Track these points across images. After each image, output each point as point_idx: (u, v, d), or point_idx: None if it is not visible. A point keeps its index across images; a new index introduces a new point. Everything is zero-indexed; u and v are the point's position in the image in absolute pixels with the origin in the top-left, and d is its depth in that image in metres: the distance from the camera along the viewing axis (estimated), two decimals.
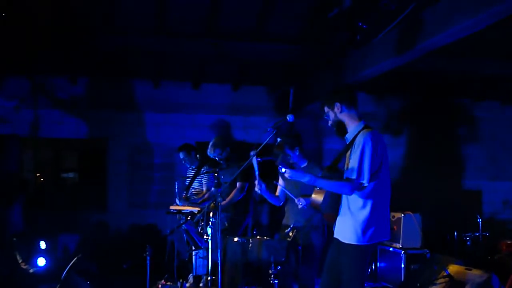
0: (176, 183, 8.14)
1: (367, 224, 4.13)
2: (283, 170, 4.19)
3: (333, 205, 4.34)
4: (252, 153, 5.08)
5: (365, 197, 4.13)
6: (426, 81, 9.74)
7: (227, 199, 6.89)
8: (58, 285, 5.80)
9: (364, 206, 4.14)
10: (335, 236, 4.40)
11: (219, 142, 7.27)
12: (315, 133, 10.17)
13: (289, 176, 4.22)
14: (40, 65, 8.84)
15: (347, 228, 4.21)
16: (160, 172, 9.81)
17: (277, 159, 5.64)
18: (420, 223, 7.64)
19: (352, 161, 4.12)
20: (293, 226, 5.54)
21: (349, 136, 4.34)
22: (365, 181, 4.06)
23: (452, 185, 10.76)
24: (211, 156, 7.40)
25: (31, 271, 7.22)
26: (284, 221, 5.90)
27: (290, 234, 5.47)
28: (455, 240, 8.21)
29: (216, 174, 6.91)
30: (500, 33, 6.59)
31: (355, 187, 4.09)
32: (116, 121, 9.65)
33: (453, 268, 5.72)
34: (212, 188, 7.83)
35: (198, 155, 8.34)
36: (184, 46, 8.08)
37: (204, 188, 8.06)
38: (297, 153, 5.74)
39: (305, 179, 4.19)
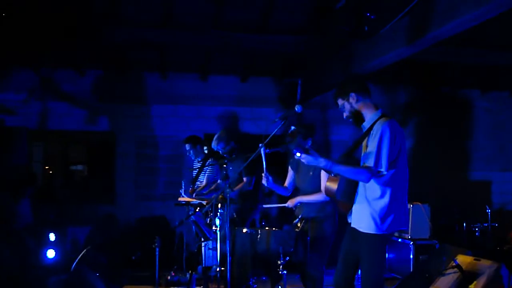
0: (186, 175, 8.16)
1: (386, 213, 4.10)
2: (298, 154, 4.10)
3: (348, 194, 4.30)
4: (260, 145, 5.07)
5: (384, 186, 4.10)
6: (434, 72, 9.71)
7: (234, 189, 6.91)
8: (68, 277, 5.83)
9: (382, 195, 4.11)
10: (352, 225, 4.37)
11: (223, 136, 7.29)
12: (322, 125, 10.16)
13: (305, 161, 4.13)
14: (48, 58, 8.86)
15: (365, 217, 4.18)
16: (168, 164, 9.83)
17: (285, 149, 5.63)
18: (429, 213, 7.64)
19: (370, 149, 4.09)
20: (301, 216, 5.53)
21: (366, 125, 4.30)
22: (383, 169, 4.03)
23: (461, 175, 10.74)
24: (215, 149, 7.42)
25: (38, 264, 7.26)
26: (296, 212, 5.89)
27: (298, 224, 5.47)
28: (464, 230, 8.19)
29: (224, 166, 6.92)
30: (508, 24, 6.55)
31: (373, 174, 4.05)
32: (123, 114, 9.67)
33: (462, 259, 5.71)
34: (219, 180, 7.86)
35: (205, 148, 8.35)
36: (191, 38, 8.07)
37: (204, 181, 8.08)
38: (310, 144, 5.73)
39: (322, 164, 4.12)
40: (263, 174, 5.46)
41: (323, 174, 5.65)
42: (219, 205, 5.86)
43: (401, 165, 4.16)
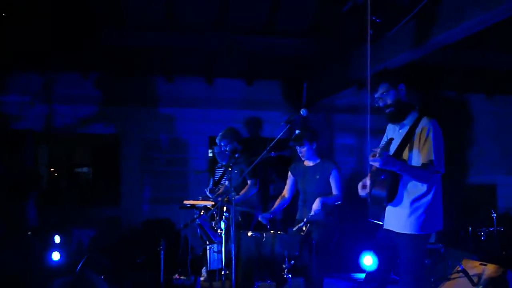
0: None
1: (426, 213, 4.08)
2: (373, 161, 3.87)
3: (393, 197, 4.16)
4: (267, 149, 5.07)
5: (429, 186, 4.08)
6: (438, 76, 9.70)
7: (240, 194, 6.86)
8: (73, 279, 5.84)
9: (426, 195, 4.09)
10: (386, 227, 4.29)
11: (227, 134, 7.21)
12: (327, 128, 10.15)
13: (380, 166, 3.90)
14: (53, 61, 8.86)
15: (405, 218, 4.13)
16: (173, 167, 9.82)
17: (291, 153, 5.65)
18: None
19: (426, 148, 4.03)
20: (306, 220, 5.53)
21: (407, 122, 4.25)
22: (442, 169, 4.02)
23: (466, 179, 10.71)
24: (218, 145, 7.37)
25: (44, 266, 7.27)
26: (298, 216, 5.90)
27: (304, 228, 5.47)
28: (469, 235, 8.16)
29: (230, 169, 6.91)
30: None
31: (433, 174, 4.02)
32: (129, 116, 9.67)
33: (467, 263, 5.69)
34: (226, 183, 7.84)
35: (209, 150, 8.33)
36: (196, 41, 8.07)
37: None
38: (314, 147, 5.75)
39: (397, 167, 3.95)
40: (259, 217, 5.54)
41: (335, 176, 5.66)
42: (224, 208, 5.86)
43: None
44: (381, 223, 4.33)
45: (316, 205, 5.59)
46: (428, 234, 4.17)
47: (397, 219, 4.20)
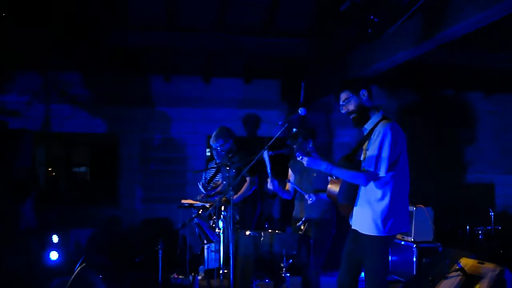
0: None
1: (387, 215, 4.12)
2: (300, 157, 4.16)
3: (349, 196, 4.33)
4: (265, 147, 5.07)
5: (384, 188, 4.12)
6: (437, 75, 9.70)
7: (238, 194, 6.84)
8: (71, 279, 5.83)
9: (382, 197, 4.13)
10: (353, 227, 4.39)
11: (222, 133, 7.16)
12: (326, 127, 10.15)
13: (306, 164, 4.20)
14: (52, 60, 8.86)
15: (366, 219, 4.21)
16: (172, 167, 9.83)
17: (288, 151, 5.64)
18: (432, 216, 7.62)
19: (370, 151, 4.11)
20: (305, 219, 5.53)
21: (367, 127, 4.32)
22: (381, 172, 4.05)
23: (464, 178, 10.72)
24: (213, 147, 7.35)
25: (42, 266, 7.27)
26: (295, 214, 5.91)
27: (302, 227, 5.47)
28: (467, 233, 8.17)
29: (227, 168, 6.90)
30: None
31: (371, 177, 4.08)
32: (127, 116, 9.67)
33: (465, 262, 5.69)
34: (224, 182, 7.83)
35: (207, 150, 8.33)
36: (195, 41, 8.08)
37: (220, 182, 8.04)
38: (310, 145, 5.74)
39: (322, 167, 4.19)
40: (268, 180, 5.48)
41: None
42: (222, 208, 5.86)
43: (402, 167, 4.18)
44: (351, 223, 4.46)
45: (308, 195, 5.63)
46: (389, 236, 4.19)
47: (360, 220, 4.31)
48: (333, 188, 4.35)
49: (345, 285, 4.43)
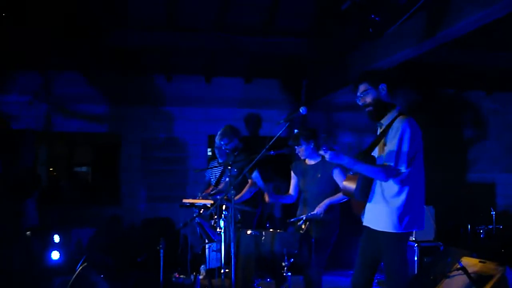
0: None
1: (403, 212, 4.08)
2: (324, 151, 4.05)
3: (365, 193, 4.26)
4: (266, 147, 5.06)
5: (401, 184, 4.09)
6: (439, 74, 9.70)
7: (239, 195, 6.81)
8: (73, 278, 5.84)
9: (399, 193, 4.10)
10: (365, 224, 4.35)
11: (228, 132, 7.12)
12: (327, 127, 10.16)
13: (329, 158, 4.08)
14: (53, 60, 8.87)
15: (381, 215, 4.17)
16: (173, 166, 9.83)
17: (290, 151, 5.65)
18: (434, 215, 7.62)
19: (390, 147, 4.07)
20: (305, 218, 5.53)
21: (384, 122, 4.28)
22: (402, 168, 4.02)
23: (465, 177, 10.71)
24: (218, 145, 7.33)
25: (43, 265, 7.29)
26: (298, 213, 5.90)
27: (303, 226, 5.47)
28: (469, 232, 8.17)
29: (229, 167, 6.89)
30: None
31: (392, 173, 4.04)
32: (128, 116, 9.67)
33: (467, 261, 5.69)
34: (226, 180, 7.82)
35: (209, 149, 8.32)
36: (196, 41, 8.08)
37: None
38: (312, 146, 5.74)
39: (344, 161, 4.09)
40: (265, 194, 5.52)
41: (338, 175, 5.66)
42: (224, 207, 5.86)
43: (419, 164, 4.16)
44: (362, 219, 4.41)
45: (320, 207, 5.59)
46: (406, 232, 4.16)
47: (374, 216, 4.26)
48: (350, 184, 4.25)
49: (360, 286, 4.39)
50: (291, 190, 6.15)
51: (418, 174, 4.18)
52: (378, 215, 4.20)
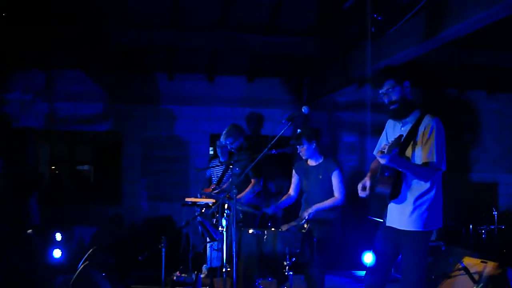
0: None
1: (429, 210, 4.08)
2: (380, 154, 3.86)
3: (396, 194, 4.17)
4: (268, 146, 5.05)
5: (431, 183, 4.08)
6: (440, 73, 9.69)
7: (241, 195, 6.80)
8: (74, 277, 5.85)
9: (427, 192, 4.09)
10: (388, 224, 4.29)
11: (232, 131, 7.14)
12: (330, 126, 10.15)
13: (385, 163, 3.91)
14: (55, 59, 8.88)
15: (407, 214, 4.13)
16: (175, 165, 9.83)
17: (292, 150, 5.64)
18: None
19: (428, 145, 4.04)
20: (307, 218, 5.53)
21: (410, 120, 4.24)
22: (443, 166, 4.04)
23: (467, 177, 10.71)
24: (222, 144, 7.34)
25: (45, 263, 7.30)
26: (301, 213, 5.90)
27: (305, 226, 5.47)
28: (470, 232, 8.16)
29: (231, 166, 6.89)
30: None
31: (434, 171, 4.04)
32: (130, 114, 9.68)
33: (468, 261, 5.70)
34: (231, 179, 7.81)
35: (211, 148, 8.32)
36: (198, 39, 8.08)
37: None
38: (314, 146, 5.75)
39: (402, 165, 4.00)
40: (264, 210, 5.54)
41: (336, 177, 5.67)
42: (226, 206, 5.86)
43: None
44: (382, 220, 4.34)
45: (307, 212, 5.63)
46: (431, 231, 4.17)
47: (400, 216, 4.20)
48: (385, 188, 4.13)
49: (375, 285, 4.35)
50: (292, 190, 6.16)
51: (441, 173, 4.19)
52: (403, 214, 4.16)
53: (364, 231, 5.31)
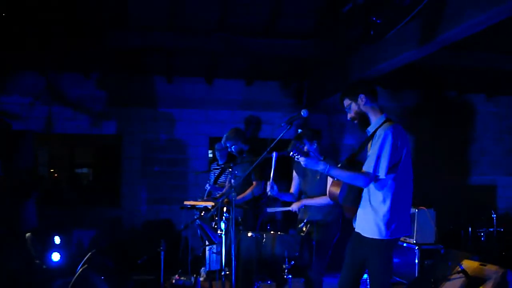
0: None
1: (389, 219, 4.09)
2: (297, 157, 4.11)
3: (352, 198, 4.31)
4: (268, 149, 5.05)
5: (385, 191, 4.10)
6: (439, 76, 9.70)
7: (241, 196, 6.81)
8: (73, 280, 5.84)
9: (384, 200, 4.10)
10: (356, 230, 4.36)
11: (232, 135, 7.18)
12: (330, 129, 10.15)
13: (304, 164, 4.15)
14: (54, 62, 8.88)
15: (369, 222, 4.17)
16: (174, 168, 9.83)
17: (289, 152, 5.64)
18: (434, 218, 7.61)
19: (371, 153, 4.10)
20: (306, 220, 5.53)
21: (370, 129, 4.31)
22: (381, 174, 4.03)
23: (466, 180, 10.72)
24: (222, 147, 7.38)
25: (44, 267, 7.27)
26: (300, 217, 5.90)
27: (304, 229, 5.47)
28: (470, 235, 8.17)
29: (230, 169, 6.89)
30: None
31: (371, 179, 4.06)
32: (129, 117, 9.67)
33: (467, 264, 5.69)
34: (232, 181, 7.82)
35: (209, 151, 8.33)
36: (198, 42, 8.07)
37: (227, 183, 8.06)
38: (315, 146, 5.75)
39: (320, 167, 4.14)
40: (268, 183, 5.48)
41: (329, 178, 5.66)
42: (225, 209, 5.86)
43: (405, 170, 4.15)
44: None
45: (296, 205, 5.68)
46: (392, 239, 4.17)
47: (363, 222, 4.27)
48: (335, 189, 4.33)
49: None
50: (292, 189, 6.16)
51: (404, 179, 4.18)
52: (366, 221, 4.22)
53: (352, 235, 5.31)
